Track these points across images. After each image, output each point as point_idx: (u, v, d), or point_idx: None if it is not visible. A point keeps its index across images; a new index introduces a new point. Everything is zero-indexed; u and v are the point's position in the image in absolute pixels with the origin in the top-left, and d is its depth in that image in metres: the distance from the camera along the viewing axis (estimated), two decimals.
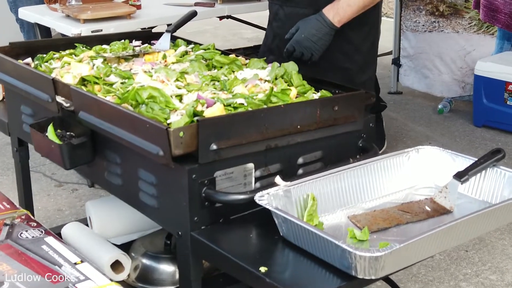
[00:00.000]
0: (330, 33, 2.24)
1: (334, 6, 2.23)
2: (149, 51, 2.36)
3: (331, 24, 2.22)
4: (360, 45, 2.38)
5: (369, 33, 2.40)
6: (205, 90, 1.94)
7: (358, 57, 2.39)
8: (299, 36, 2.24)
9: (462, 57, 4.92)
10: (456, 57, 4.94)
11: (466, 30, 4.89)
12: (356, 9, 2.23)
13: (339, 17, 2.22)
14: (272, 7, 2.49)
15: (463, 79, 4.93)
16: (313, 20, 2.24)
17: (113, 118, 1.74)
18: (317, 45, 2.23)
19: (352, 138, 1.90)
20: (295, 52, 2.26)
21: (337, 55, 2.36)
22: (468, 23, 4.91)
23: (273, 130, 1.71)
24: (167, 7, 4.01)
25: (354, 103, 1.87)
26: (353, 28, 2.34)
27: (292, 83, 2.00)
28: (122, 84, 1.97)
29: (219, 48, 2.41)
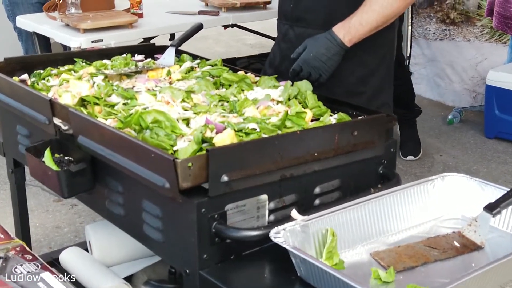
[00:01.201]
0: (340, 53, 2.09)
1: (345, 25, 2.08)
2: (153, 67, 2.23)
3: (342, 44, 2.07)
4: (376, 69, 2.24)
5: (385, 56, 2.26)
6: (214, 112, 1.81)
7: (374, 81, 2.24)
8: (307, 55, 2.10)
9: (473, 66, 4.79)
10: (467, 66, 4.81)
11: (477, 38, 4.77)
12: (368, 28, 2.08)
13: (350, 36, 2.07)
14: (281, 26, 2.34)
15: (474, 89, 4.80)
16: (323, 38, 2.09)
17: (114, 145, 1.61)
18: (326, 65, 2.08)
19: (371, 164, 1.76)
20: (302, 72, 2.11)
21: (351, 79, 2.21)
22: (480, 31, 4.78)
23: (289, 158, 1.58)
24: (170, 15, 3.88)
25: (374, 127, 1.73)
26: (368, 51, 2.19)
27: (307, 104, 1.87)
28: (125, 105, 1.84)
29: (223, 58, 2.27)
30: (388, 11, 2.06)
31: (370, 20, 2.06)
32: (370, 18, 2.06)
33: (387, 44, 2.26)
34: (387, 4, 2.05)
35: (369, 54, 2.21)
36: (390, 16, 2.08)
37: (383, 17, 2.07)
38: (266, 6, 4.04)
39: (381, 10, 2.05)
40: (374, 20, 2.06)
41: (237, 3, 3.94)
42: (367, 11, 2.06)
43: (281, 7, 2.34)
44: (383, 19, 2.07)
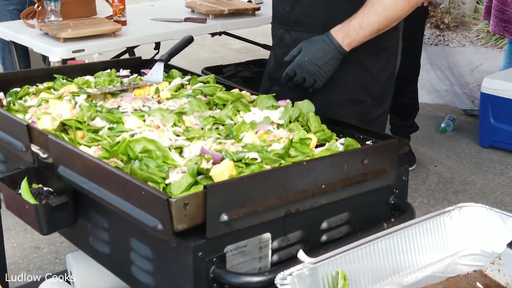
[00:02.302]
0: (338, 57, 1.93)
1: (344, 27, 1.92)
2: (140, 84, 2.06)
3: (340, 48, 1.92)
4: (378, 75, 2.08)
5: (388, 61, 2.10)
6: (208, 137, 1.65)
7: (376, 88, 2.09)
8: (302, 59, 1.94)
9: (469, 72, 4.68)
10: (464, 72, 4.70)
11: (473, 43, 4.65)
12: (369, 32, 1.92)
13: (350, 40, 1.91)
14: (276, 31, 2.18)
15: (472, 94, 4.69)
16: (319, 41, 1.93)
17: (99, 178, 1.44)
18: (322, 71, 1.93)
19: (382, 194, 1.61)
20: (296, 77, 1.95)
21: (352, 85, 2.06)
22: (475, 36, 4.67)
23: (294, 192, 1.42)
24: (155, 23, 3.71)
25: (386, 154, 1.58)
26: (370, 55, 2.04)
27: (310, 128, 1.72)
28: (110, 131, 1.67)
29: (208, 64, 2.12)
30: (390, 13, 1.91)
31: (371, 23, 1.91)
32: (371, 21, 1.91)
33: (391, 48, 2.11)
34: (389, 6, 1.89)
35: (371, 59, 2.06)
36: (393, 19, 1.93)
37: (385, 20, 1.92)
38: (255, 13, 3.88)
39: (383, 12, 1.90)
40: (375, 22, 1.91)
41: (225, 10, 3.77)
42: (368, 12, 1.91)
43: (276, 10, 2.18)
44: (385, 21, 1.92)
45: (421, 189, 3.81)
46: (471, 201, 3.69)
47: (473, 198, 3.70)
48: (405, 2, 1.88)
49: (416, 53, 4.08)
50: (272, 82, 2.17)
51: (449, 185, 3.87)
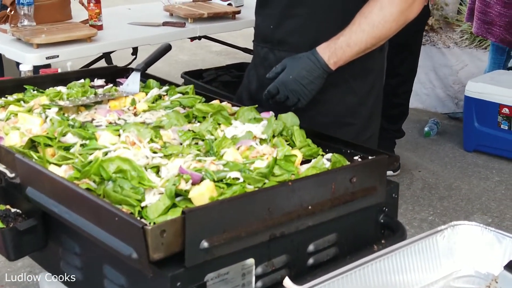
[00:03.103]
0: (323, 76, 1.84)
1: (330, 45, 1.83)
2: (115, 95, 1.96)
3: (326, 66, 1.83)
4: (365, 97, 2.00)
5: (375, 83, 2.02)
6: (187, 153, 1.56)
7: (364, 111, 2.01)
8: (286, 77, 1.84)
9: (454, 72, 4.63)
10: (449, 73, 4.65)
11: (457, 44, 4.60)
12: (356, 51, 1.83)
13: (336, 59, 1.83)
14: (259, 50, 2.07)
15: (456, 95, 4.64)
16: (304, 59, 1.84)
17: (70, 202, 1.34)
18: (307, 90, 1.84)
19: (371, 213, 1.53)
20: (278, 95, 1.86)
21: (339, 108, 1.98)
22: (459, 37, 4.62)
23: (279, 214, 1.33)
24: (132, 27, 3.60)
25: (375, 171, 1.50)
26: (357, 77, 1.96)
27: (294, 142, 1.63)
28: (82, 148, 1.57)
29: (188, 67, 2.03)
30: (379, 32, 1.82)
31: (359, 42, 1.82)
32: (359, 39, 1.82)
33: (377, 69, 2.03)
34: (378, 24, 1.81)
35: (358, 81, 1.98)
36: (381, 38, 1.85)
37: (373, 39, 1.83)
38: (235, 16, 3.79)
39: (371, 31, 1.82)
40: (363, 41, 1.82)
41: (205, 14, 3.68)
42: (355, 31, 1.82)
43: (258, 29, 2.08)
44: (373, 40, 1.84)
45: (406, 195, 3.74)
46: (456, 207, 3.65)
47: (458, 204, 3.65)
48: (393, 22, 1.80)
49: (415, 52, 4.02)
50: (252, 102, 2.06)
51: (434, 191, 3.81)
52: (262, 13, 2.05)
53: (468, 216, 3.53)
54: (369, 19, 1.81)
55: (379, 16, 1.80)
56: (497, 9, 4.24)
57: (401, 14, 1.81)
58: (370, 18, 1.81)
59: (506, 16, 4.21)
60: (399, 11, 1.80)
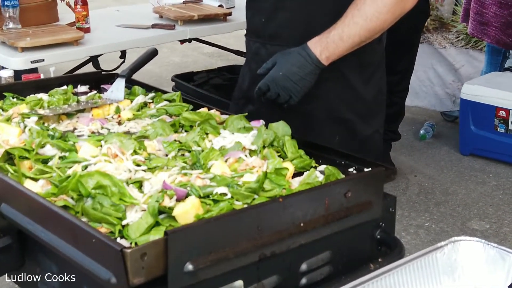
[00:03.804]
0: (315, 72, 1.76)
1: (322, 39, 1.75)
2: (98, 102, 1.87)
3: (317, 62, 1.75)
4: (363, 91, 1.92)
5: (372, 75, 1.94)
6: (172, 166, 1.47)
7: (361, 105, 1.92)
8: (276, 73, 1.76)
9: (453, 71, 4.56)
10: (447, 71, 4.58)
11: (453, 44, 4.53)
12: (350, 44, 1.75)
13: (328, 53, 1.74)
14: (251, 45, 1.99)
15: (454, 93, 4.57)
16: (295, 54, 1.76)
17: (45, 220, 1.26)
18: (298, 86, 1.75)
19: (367, 228, 1.45)
20: (269, 92, 1.78)
21: (336, 103, 1.90)
22: (455, 37, 4.55)
23: (269, 233, 1.25)
24: (120, 29, 3.51)
25: (371, 184, 1.41)
26: (353, 70, 1.88)
27: (286, 153, 1.54)
28: (61, 160, 1.48)
29: (179, 69, 1.95)
30: (373, 24, 1.74)
31: (352, 35, 1.74)
32: (352, 32, 1.73)
33: (375, 62, 1.95)
34: (372, 17, 1.73)
35: (355, 74, 1.90)
36: (375, 31, 1.76)
37: (367, 32, 1.75)
38: (226, 18, 3.70)
39: (364, 24, 1.73)
40: (356, 34, 1.74)
41: (195, 16, 3.59)
42: (348, 24, 1.74)
43: (250, 22, 2.00)
44: (367, 34, 1.75)
45: (402, 201, 3.66)
46: (453, 212, 3.57)
47: (455, 210, 3.57)
48: (388, 13, 1.72)
49: (414, 50, 3.95)
50: (247, 101, 1.98)
51: (430, 196, 3.73)
52: (253, 6, 1.97)
53: (465, 222, 3.46)
54: (362, 11, 1.72)
55: (372, 8, 1.72)
56: (493, 9, 4.17)
57: (395, 4, 1.72)
58: (363, 10, 1.72)
59: (501, 17, 4.14)
60: (393, 1, 1.71)
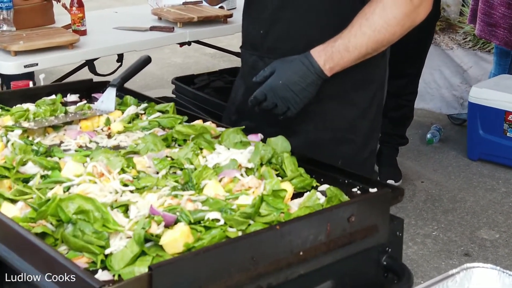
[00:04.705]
0: (317, 83, 1.64)
1: (327, 49, 1.63)
2: (87, 114, 1.77)
3: (320, 72, 1.63)
4: (367, 110, 1.80)
5: (376, 93, 1.82)
6: (163, 185, 1.37)
7: (364, 125, 1.81)
8: (275, 81, 1.64)
9: (460, 73, 4.45)
10: (455, 72, 4.46)
11: (461, 45, 4.41)
12: (356, 55, 1.64)
13: (333, 64, 1.63)
14: (247, 57, 1.86)
15: (462, 95, 4.45)
16: (297, 62, 1.64)
17: (21, 249, 1.15)
18: (298, 97, 1.63)
19: (373, 254, 1.34)
20: (265, 102, 1.65)
21: (339, 122, 1.78)
22: (462, 39, 4.43)
23: (265, 264, 1.14)
24: (118, 32, 3.41)
25: (377, 207, 1.31)
26: (358, 88, 1.77)
27: (285, 171, 1.44)
28: (43, 180, 1.38)
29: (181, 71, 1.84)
30: (381, 36, 1.62)
31: (359, 46, 1.62)
32: (359, 43, 1.62)
33: (379, 78, 1.84)
34: (380, 28, 1.61)
35: (359, 91, 1.79)
36: (383, 43, 1.65)
37: (375, 43, 1.63)
38: (227, 20, 3.59)
39: (372, 35, 1.62)
40: (363, 45, 1.62)
41: (195, 18, 3.48)
42: (355, 34, 1.62)
43: (246, 34, 1.88)
44: (374, 45, 1.64)
45: (408, 208, 3.55)
46: (462, 221, 3.46)
47: (463, 218, 3.46)
48: (398, 25, 1.61)
49: (423, 52, 3.83)
50: (241, 117, 1.87)
51: (437, 203, 3.62)
52: (250, 16, 1.85)
53: (474, 231, 3.34)
54: (371, 21, 1.61)
55: (381, 19, 1.61)
56: (501, 10, 4.05)
57: (406, 17, 1.62)
58: (372, 20, 1.61)
59: (510, 18, 4.02)
60: (403, 13, 1.61)
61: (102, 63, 3.51)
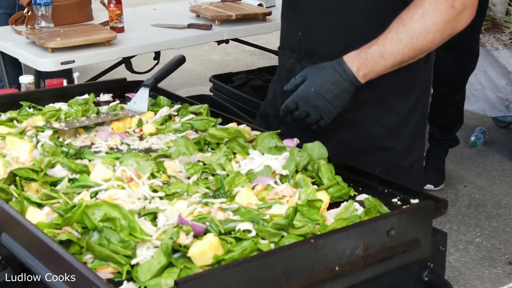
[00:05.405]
0: (350, 90, 1.56)
1: (361, 55, 1.55)
2: (120, 115, 1.73)
3: (354, 79, 1.55)
4: (408, 117, 1.72)
5: (419, 100, 1.74)
6: (193, 192, 1.32)
7: (405, 133, 1.73)
8: (307, 89, 1.57)
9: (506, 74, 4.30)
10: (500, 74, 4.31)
11: (506, 46, 4.26)
12: (391, 63, 1.55)
13: (366, 71, 1.55)
14: (285, 60, 1.80)
15: (508, 97, 4.30)
16: (329, 69, 1.56)
17: (45, 258, 1.11)
18: (331, 105, 1.56)
19: (413, 270, 1.27)
20: (297, 111, 1.58)
21: (377, 130, 1.71)
22: (509, 39, 4.28)
23: (298, 279, 1.08)
24: (155, 29, 3.37)
25: (419, 220, 1.23)
26: (397, 93, 1.69)
27: (321, 179, 1.37)
28: (71, 184, 1.34)
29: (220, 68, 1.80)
30: (419, 43, 1.53)
31: (395, 52, 1.53)
32: (395, 50, 1.53)
33: (422, 83, 1.75)
34: (419, 35, 1.52)
35: (399, 97, 1.71)
36: (421, 50, 1.55)
37: (412, 51, 1.54)
38: (265, 18, 3.53)
39: (410, 41, 1.52)
40: (399, 52, 1.53)
41: (233, 15, 3.42)
42: (391, 40, 1.53)
43: (285, 36, 1.81)
44: (411, 53, 1.54)
45: (451, 213, 3.44)
46: (506, 228, 3.33)
47: (508, 225, 3.34)
48: (437, 33, 1.51)
49: (470, 56, 3.67)
50: (275, 120, 1.80)
51: (481, 209, 3.50)
52: (288, 18, 1.79)
53: None
54: (409, 27, 1.52)
55: (420, 25, 1.52)
56: None
57: (446, 24, 1.52)
58: (410, 26, 1.52)
59: None
60: (444, 20, 1.51)
61: (140, 59, 3.49)
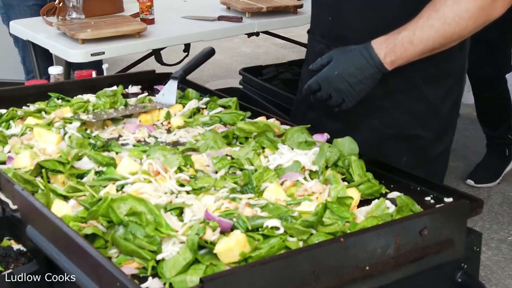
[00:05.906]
0: (376, 77, 1.52)
1: (389, 40, 1.50)
2: (148, 107, 1.71)
3: (380, 65, 1.50)
4: (439, 105, 1.68)
5: (452, 89, 1.69)
6: (221, 187, 1.29)
7: (436, 121, 1.68)
8: (331, 71, 1.53)
9: None
10: None
11: None
12: (420, 49, 1.50)
13: (394, 57, 1.50)
14: (314, 44, 1.77)
15: None
16: (356, 53, 1.52)
17: (69, 251, 1.10)
18: (354, 90, 1.52)
19: (446, 271, 1.23)
20: (319, 92, 1.55)
21: (406, 118, 1.66)
22: None
23: (327, 279, 1.05)
24: (185, 21, 3.35)
25: (453, 220, 1.19)
26: (430, 82, 1.64)
27: (352, 176, 1.34)
28: (98, 176, 1.33)
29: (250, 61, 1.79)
30: (451, 30, 1.47)
31: (425, 39, 1.48)
32: (425, 36, 1.48)
33: (455, 72, 1.70)
34: (451, 21, 1.46)
35: (431, 86, 1.66)
36: (453, 38, 1.50)
37: (443, 38, 1.49)
38: (297, 11, 3.48)
39: (441, 28, 1.47)
40: (430, 39, 1.48)
41: (264, 8, 3.39)
42: (422, 25, 1.48)
43: (315, 20, 1.78)
44: (442, 40, 1.49)
45: (483, 211, 3.34)
46: None
47: None
48: (470, 20, 1.46)
49: (503, 49, 3.50)
50: (308, 107, 1.78)
51: None
52: (318, 1, 1.76)
53: None
54: (441, 13, 1.47)
55: (453, 11, 1.46)
56: None
57: (480, 10, 1.46)
58: (442, 11, 1.47)
59: None
60: (478, 7, 1.45)
61: (170, 51, 3.47)
